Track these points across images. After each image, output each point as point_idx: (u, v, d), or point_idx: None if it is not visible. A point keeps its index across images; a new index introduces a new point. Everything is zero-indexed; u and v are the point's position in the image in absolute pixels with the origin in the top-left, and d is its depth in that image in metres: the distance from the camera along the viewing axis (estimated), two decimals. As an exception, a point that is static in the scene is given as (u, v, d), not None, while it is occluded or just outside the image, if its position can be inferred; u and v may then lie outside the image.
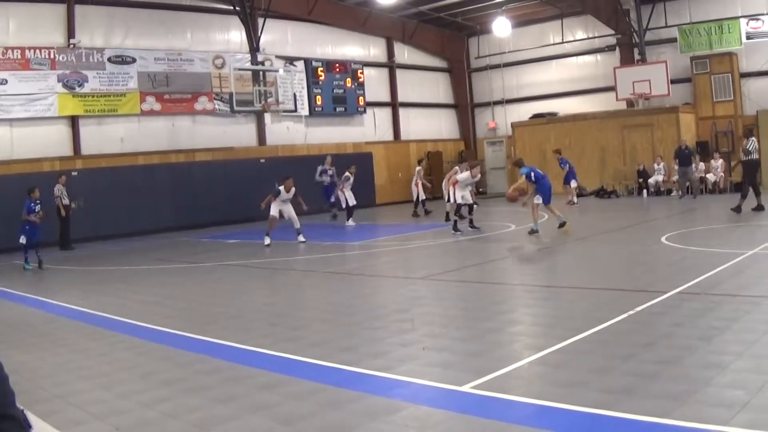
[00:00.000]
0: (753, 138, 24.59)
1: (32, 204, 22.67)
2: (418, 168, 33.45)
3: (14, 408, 3.15)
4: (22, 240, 22.16)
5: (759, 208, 24.04)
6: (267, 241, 24.67)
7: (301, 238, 24.98)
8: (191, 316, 13.22)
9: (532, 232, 22.59)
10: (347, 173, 29.82)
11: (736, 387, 7.01)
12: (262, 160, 35.22)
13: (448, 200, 26.83)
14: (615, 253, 18.35)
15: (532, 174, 22.91)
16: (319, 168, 32.07)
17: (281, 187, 24.82)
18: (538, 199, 22.78)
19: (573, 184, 34.14)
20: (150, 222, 31.61)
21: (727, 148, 36.55)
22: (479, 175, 26.60)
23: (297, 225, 25.13)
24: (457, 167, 28.10)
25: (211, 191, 32.33)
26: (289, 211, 25.40)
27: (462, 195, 24.89)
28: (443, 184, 29.00)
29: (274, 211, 25.01)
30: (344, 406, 7.42)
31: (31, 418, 5.35)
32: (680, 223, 22.37)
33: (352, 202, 29.83)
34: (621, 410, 6.56)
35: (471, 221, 25.32)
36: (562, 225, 22.42)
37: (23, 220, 22.34)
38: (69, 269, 21.72)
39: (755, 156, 24.49)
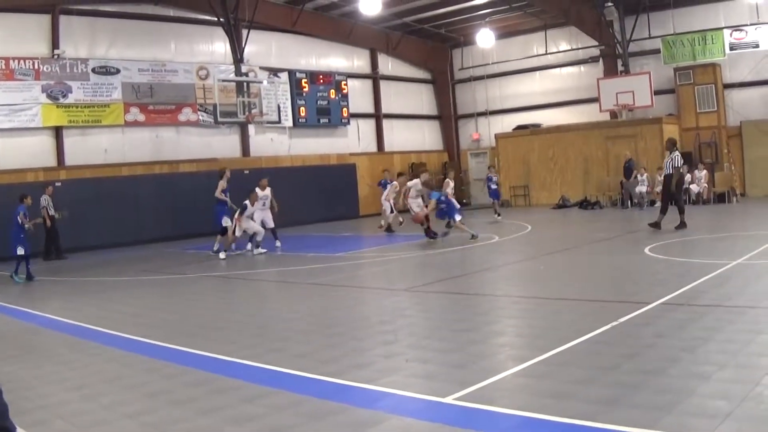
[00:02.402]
0: (677, 151, 24.23)
1: (26, 210, 22.36)
2: (394, 182, 31.88)
3: (8, 420, 3.17)
4: (20, 251, 21.59)
5: (681, 225, 23.66)
6: (223, 255, 25.14)
7: (260, 249, 25.12)
8: (176, 327, 13.17)
9: (474, 237, 24.61)
10: (246, 202, 25.78)
11: (719, 397, 7.03)
12: (246, 172, 35.17)
13: (392, 211, 27.16)
14: (598, 264, 18.40)
15: (443, 198, 25.62)
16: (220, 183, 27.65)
17: (246, 202, 24.95)
18: (458, 217, 25.56)
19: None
20: (134, 233, 31.56)
21: (711, 159, 36.70)
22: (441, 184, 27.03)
23: (260, 237, 25.23)
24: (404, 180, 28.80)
25: (196, 202, 32.25)
26: (266, 219, 25.59)
27: (418, 204, 26.38)
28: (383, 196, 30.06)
29: (243, 226, 25.04)
30: (328, 417, 7.41)
31: (18, 430, 5.35)
32: (663, 235, 22.37)
33: (269, 225, 27.77)
34: (605, 421, 6.57)
35: (428, 229, 25.99)
36: (474, 237, 24.78)
37: (20, 225, 21.87)
38: (52, 280, 21.65)
39: (683, 170, 24.29)
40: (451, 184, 28.42)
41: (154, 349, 11.26)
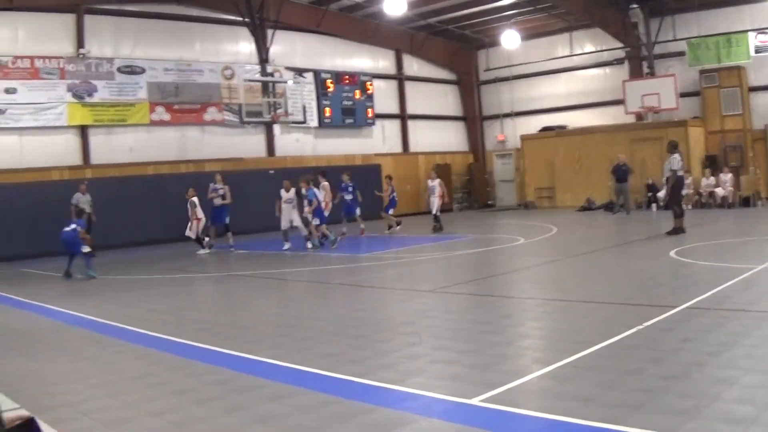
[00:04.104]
0: (677, 153, 24.13)
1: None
2: (439, 180, 31.86)
3: None
4: (87, 249, 21.69)
5: (680, 230, 23.48)
6: (286, 246, 26.29)
7: (309, 245, 25.44)
8: (201, 326, 13.19)
9: (333, 242, 25.97)
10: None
11: (744, 402, 7.00)
12: (271, 171, 35.20)
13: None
14: (623, 266, 18.34)
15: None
16: (210, 185, 28.63)
17: (282, 190, 25.43)
18: (316, 221, 26.12)
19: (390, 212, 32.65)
20: (160, 231, 31.60)
21: (736, 162, 36.49)
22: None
23: (303, 232, 25.52)
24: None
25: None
26: (295, 218, 25.86)
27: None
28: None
29: (284, 222, 25.51)
30: (353, 418, 7.41)
31: (43, 426, 5.37)
32: (689, 238, 22.29)
33: (296, 223, 28.15)
34: (629, 425, 6.55)
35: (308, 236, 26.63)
36: (333, 242, 25.83)
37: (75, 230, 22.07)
38: (78, 278, 21.69)
39: (681, 173, 24.12)
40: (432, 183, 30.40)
41: (179, 347, 11.31)
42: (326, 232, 26.16)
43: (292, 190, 26.42)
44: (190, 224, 26.97)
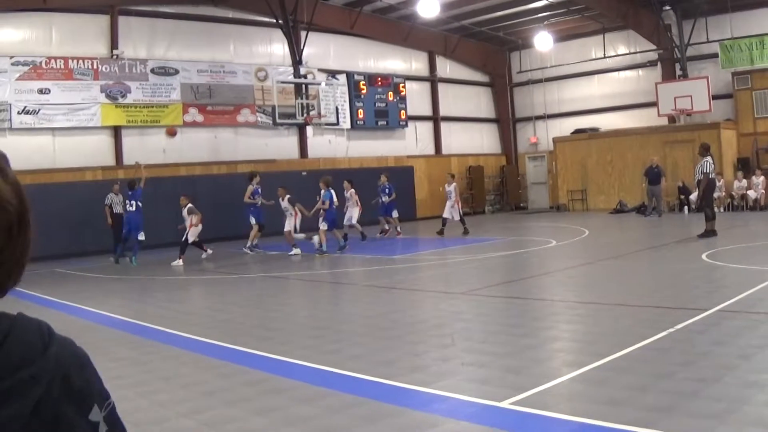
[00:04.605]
0: (709, 156, 23.97)
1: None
2: (455, 184, 31.68)
3: None
4: (142, 236, 23.28)
5: (712, 233, 23.30)
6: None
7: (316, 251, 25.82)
8: (232, 326, 13.27)
9: (321, 252, 25.25)
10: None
11: (776, 406, 6.98)
12: (304, 173, 35.28)
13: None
14: (655, 269, 18.28)
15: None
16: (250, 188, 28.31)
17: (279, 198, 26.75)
18: (324, 225, 25.71)
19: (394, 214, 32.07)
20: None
21: (768, 164, 36.34)
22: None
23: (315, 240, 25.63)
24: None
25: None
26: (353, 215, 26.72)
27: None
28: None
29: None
30: (383, 420, 7.43)
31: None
32: (721, 241, 22.18)
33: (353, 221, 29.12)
34: (660, 428, 6.53)
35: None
36: (340, 248, 25.64)
37: (139, 210, 22.81)
38: (110, 278, 21.84)
39: (712, 176, 23.99)
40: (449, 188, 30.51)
41: (210, 347, 11.36)
42: (322, 240, 25.62)
43: (287, 198, 26.35)
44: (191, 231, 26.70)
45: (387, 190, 30.78)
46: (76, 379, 1.69)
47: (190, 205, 25.90)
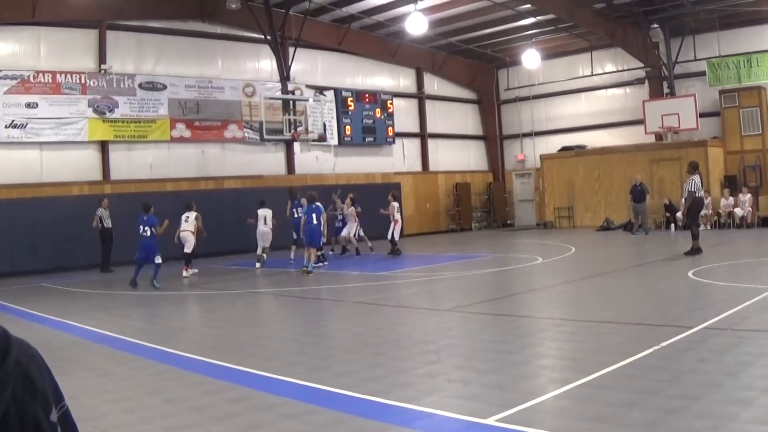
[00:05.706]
0: (697, 174, 23.93)
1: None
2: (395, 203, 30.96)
3: None
4: (159, 260, 22.56)
5: (698, 251, 23.28)
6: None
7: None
8: (218, 342, 13.26)
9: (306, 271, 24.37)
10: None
11: (762, 423, 7.00)
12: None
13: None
14: (641, 287, 18.32)
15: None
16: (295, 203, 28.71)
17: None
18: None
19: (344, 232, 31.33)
20: (178, 248, 31.66)
21: (755, 182, 36.36)
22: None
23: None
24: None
25: (240, 219, 32.28)
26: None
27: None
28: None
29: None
30: (369, 436, 7.44)
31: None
32: (707, 258, 22.24)
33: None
34: (646, 446, 6.56)
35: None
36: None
37: (154, 235, 22.95)
38: (97, 293, 21.80)
39: (699, 194, 24.05)
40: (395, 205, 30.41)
41: (196, 364, 11.34)
42: (312, 257, 25.06)
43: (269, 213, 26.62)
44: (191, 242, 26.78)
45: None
46: (37, 378, 1.70)
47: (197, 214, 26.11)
